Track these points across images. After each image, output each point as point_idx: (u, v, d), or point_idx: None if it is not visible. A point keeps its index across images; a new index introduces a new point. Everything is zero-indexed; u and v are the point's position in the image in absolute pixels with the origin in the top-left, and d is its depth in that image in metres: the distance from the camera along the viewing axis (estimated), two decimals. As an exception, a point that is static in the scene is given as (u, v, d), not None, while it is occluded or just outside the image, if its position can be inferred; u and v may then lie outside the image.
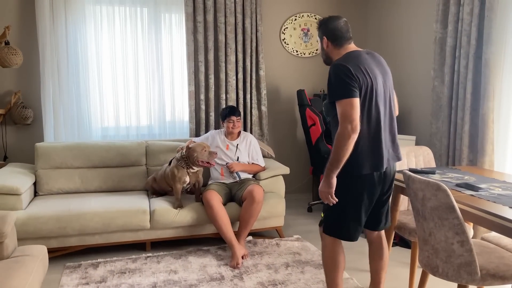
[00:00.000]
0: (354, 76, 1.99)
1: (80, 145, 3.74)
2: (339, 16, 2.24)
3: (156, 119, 4.33)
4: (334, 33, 2.18)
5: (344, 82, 1.99)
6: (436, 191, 1.91)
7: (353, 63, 2.04)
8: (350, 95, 1.97)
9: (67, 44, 3.97)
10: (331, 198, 2.09)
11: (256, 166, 3.67)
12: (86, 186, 3.69)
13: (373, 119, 2.08)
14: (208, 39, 4.26)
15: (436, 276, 2.05)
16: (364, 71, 2.04)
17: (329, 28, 2.20)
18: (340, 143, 1.97)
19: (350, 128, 1.94)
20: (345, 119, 1.95)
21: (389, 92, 2.19)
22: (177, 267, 3.09)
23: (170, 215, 3.29)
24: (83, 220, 3.13)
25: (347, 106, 1.96)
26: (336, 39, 2.18)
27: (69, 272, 3.02)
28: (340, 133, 1.97)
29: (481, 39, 3.06)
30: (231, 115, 3.58)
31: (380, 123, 2.10)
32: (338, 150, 1.98)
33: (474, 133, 3.15)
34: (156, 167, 3.83)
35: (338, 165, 2.01)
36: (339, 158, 1.99)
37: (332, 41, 2.20)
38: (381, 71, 2.16)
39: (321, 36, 2.24)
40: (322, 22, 2.25)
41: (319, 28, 2.26)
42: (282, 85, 4.80)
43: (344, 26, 2.19)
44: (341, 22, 2.20)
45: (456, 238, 1.92)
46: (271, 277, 2.95)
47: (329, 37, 2.20)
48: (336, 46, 2.19)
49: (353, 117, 1.95)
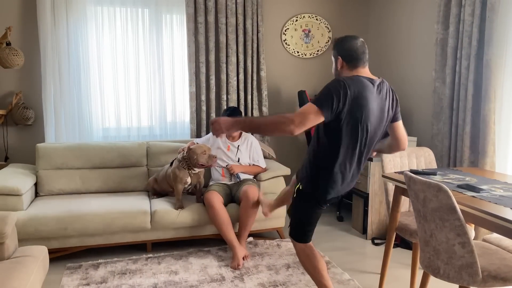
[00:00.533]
0: (342, 99, 1.94)
1: (81, 145, 3.74)
2: (356, 36, 2.14)
3: (157, 119, 4.33)
4: (350, 55, 2.08)
5: (328, 94, 1.95)
6: (437, 192, 1.91)
7: (353, 86, 1.98)
8: (321, 107, 1.93)
9: (68, 45, 3.98)
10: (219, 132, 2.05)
11: (257, 168, 3.67)
12: (87, 186, 3.69)
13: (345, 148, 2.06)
14: (209, 40, 4.26)
15: (437, 277, 2.04)
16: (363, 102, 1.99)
17: (345, 48, 2.10)
18: (274, 123, 1.93)
19: (294, 123, 1.89)
20: (299, 115, 1.91)
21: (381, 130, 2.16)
22: (177, 268, 3.09)
23: (171, 216, 3.29)
24: (84, 221, 3.13)
25: (310, 110, 1.93)
26: (351, 60, 2.09)
27: (69, 272, 3.02)
28: (282, 117, 1.92)
29: (483, 40, 3.05)
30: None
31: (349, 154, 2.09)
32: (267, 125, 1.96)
33: (475, 134, 3.15)
34: (157, 168, 3.83)
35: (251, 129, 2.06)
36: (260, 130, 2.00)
37: (347, 62, 2.10)
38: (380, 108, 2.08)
39: (336, 55, 2.14)
40: (338, 41, 2.15)
41: (334, 47, 2.16)
42: (283, 86, 4.80)
43: (360, 48, 2.09)
44: (358, 42, 2.10)
45: (458, 240, 1.91)
46: (272, 278, 2.95)
47: (345, 57, 2.10)
48: (350, 67, 2.10)
49: (305, 120, 1.90)
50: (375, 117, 2.07)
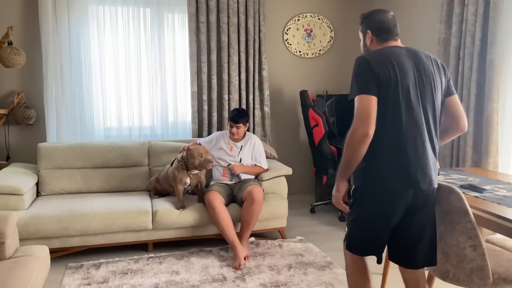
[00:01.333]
0: (372, 69, 1.76)
1: (82, 145, 3.74)
2: (386, 10, 1.99)
3: (159, 119, 4.32)
4: (381, 27, 1.93)
5: (359, 76, 1.78)
6: (448, 194, 1.88)
7: (379, 56, 1.81)
8: (364, 90, 1.74)
9: (70, 44, 3.97)
10: (340, 205, 1.90)
11: (258, 168, 3.65)
12: (88, 186, 3.68)
13: (396, 122, 1.78)
14: (211, 40, 4.25)
15: (446, 281, 2.01)
16: (388, 66, 1.77)
17: (374, 21, 1.95)
18: (349, 144, 1.76)
19: (360, 128, 1.72)
20: (356, 118, 1.74)
21: (431, 93, 1.84)
22: (179, 268, 3.08)
23: (172, 216, 3.28)
24: (85, 221, 3.13)
25: (360, 103, 1.74)
26: (382, 33, 1.93)
27: (71, 272, 3.01)
28: (349, 133, 1.76)
29: (486, 39, 3.03)
30: (231, 121, 3.57)
31: (403, 127, 1.78)
32: (347, 152, 1.77)
33: (478, 134, 3.13)
34: (159, 168, 3.82)
35: (347, 169, 1.82)
36: (348, 161, 1.79)
37: (377, 36, 1.94)
38: (417, 66, 1.83)
39: (365, 30, 1.99)
40: (366, 15, 2.01)
41: (363, 21, 2.01)
42: (285, 85, 4.79)
43: (391, 20, 1.94)
44: (389, 15, 1.96)
45: (469, 243, 1.88)
46: (274, 278, 2.94)
47: (375, 31, 1.94)
48: (380, 41, 1.93)
49: (365, 115, 1.72)
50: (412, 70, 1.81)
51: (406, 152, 1.79)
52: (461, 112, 2.00)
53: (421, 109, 1.81)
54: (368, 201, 1.88)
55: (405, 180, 1.80)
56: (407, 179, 1.80)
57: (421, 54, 1.89)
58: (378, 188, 1.83)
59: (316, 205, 4.48)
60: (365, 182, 1.86)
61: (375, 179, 1.83)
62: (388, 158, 1.80)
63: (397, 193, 1.81)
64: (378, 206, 1.85)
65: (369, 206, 1.88)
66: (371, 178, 1.84)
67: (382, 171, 1.81)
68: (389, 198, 1.83)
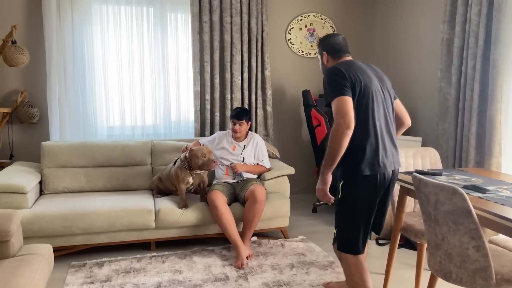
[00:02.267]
0: (345, 76, 2.04)
1: (85, 144, 3.74)
2: (337, 33, 2.38)
3: (162, 118, 4.33)
4: (333, 48, 2.28)
5: (335, 82, 2.04)
6: (451, 195, 1.88)
7: (345, 66, 2.11)
8: (341, 93, 2.01)
9: (73, 43, 3.98)
10: (327, 196, 2.11)
11: (261, 167, 3.66)
12: (91, 185, 3.69)
13: (370, 118, 2.09)
14: (214, 39, 4.26)
15: (449, 281, 2.00)
16: (356, 73, 2.09)
17: (328, 43, 2.30)
18: (334, 139, 1.98)
19: (342, 123, 1.95)
20: (338, 115, 1.98)
21: (388, 96, 2.21)
22: (181, 267, 3.09)
23: (175, 215, 3.29)
24: (88, 219, 3.14)
25: (339, 103, 1.99)
26: (335, 52, 2.27)
27: (74, 271, 3.02)
28: (333, 129, 1.99)
29: (489, 40, 3.03)
30: (234, 119, 3.57)
31: (376, 122, 2.10)
32: (333, 145, 1.99)
33: (481, 134, 3.13)
34: (161, 167, 3.83)
35: (332, 162, 2.03)
36: (334, 154, 2.00)
37: (331, 55, 2.28)
38: (376, 76, 2.20)
39: (321, 52, 2.33)
40: (321, 39, 2.37)
41: (319, 45, 2.36)
42: (287, 85, 4.80)
43: (342, 41, 2.29)
44: (339, 38, 2.31)
45: (472, 243, 1.88)
46: (276, 277, 2.94)
47: (329, 51, 2.29)
48: (335, 59, 2.27)
49: (345, 112, 1.97)
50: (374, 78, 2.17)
51: (382, 143, 2.12)
52: (405, 111, 2.41)
53: (385, 108, 2.17)
54: (359, 192, 2.11)
55: (384, 164, 2.12)
56: (385, 163, 2.12)
57: (376, 68, 2.29)
58: (365, 175, 2.08)
59: (318, 204, 4.49)
60: (353, 173, 2.10)
61: (362, 168, 2.08)
62: (369, 149, 2.08)
63: (381, 176, 2.11)
64: (369, 194, 2.12)
65: (362, 197, 2.12)
66: (358, 168, 2.08)
67: (366, 161, 2.08)
68: (376, 181, 2.11)
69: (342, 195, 2.16)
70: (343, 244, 2.21)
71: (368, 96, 2.09)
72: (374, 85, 2.13)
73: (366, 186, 2.11)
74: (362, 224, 2.16)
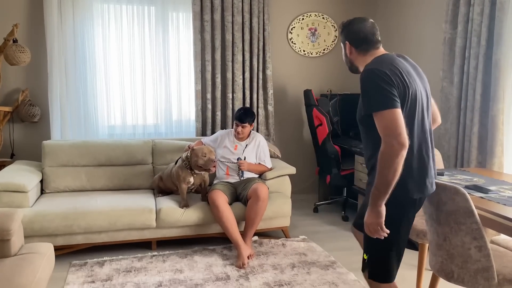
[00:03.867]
0: (393, 82, 1.69)
1: (86, 143, 3.74)
2: (364, 18, 1.94)
3: (163, 118, 4.32)
4: (359, 37, 1.89)
5: (382, 89, 1.67)
6: (454, 195, 1.88)
7: (389, 67, 1.73)
8: (391, 105, 1.66)
9: (74, 42, 3.98)
10: (382, 230, 1.74)
11: (262, 167, 3.65)
12: (92, 184, 3.69)
13: (418, 131, 1.78)
14: (215, 38, 4.25)
15: (450, 281, 2.00)
16: (402, 76, 1.72)
17: (352, 32, 1.91)
18: (387, 163, 1.65)
19: (396, 144, 1.63)
20: (389, 134, 1.64)
21: (427, 98, 1.88)
22: (182, 266, 3.09)
23: (176, 214, 3.28)
24: (89, 218, 3.13)
25: (389, 118, 1.65)
26: (361, 44, 1.89)
27: (75, 270, 3.02)
28: (384, 152, 1.65)
29: (492, 39, 3.02)
30: (237, 120, 3.56)
31: (427, 135, 1.81)
32: (385, 171, 1.66)
33: (483, 134, 3.12)
34: (162, 166, 3.82)
35: (386, 189, 1.68)
36: (389, 180, 1.66)
37: (356, 47, 1.91)
38: (418, 75, 1.86)
39: (344, 40, 1.96)
40: (345, 24, 1.96)
41: (342, 31, 1.97)
42: (288, 84, 4.79)
43: (370, 29, 1.89)
44: (367, 24, 1.90)
45: (474, 243, 1.88)
46: (277, 277, 2.94)
47: (352, 42, 1.91)
48: (361, 52, 1.90)
49: (398, 131, 1.63)
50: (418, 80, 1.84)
51: (429, 159, 1.83)
52: (437, 111, 2.11)
53: (428, 118, 1.84)
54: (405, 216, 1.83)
55: (432, 184, 1.85)
56: (432, 182, 1.86)
57: (413, 62, 1.92)
58: (414, 198, 1.81)
59: (319, 204, 4.48)
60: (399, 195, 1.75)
61: (409, 189, 1.78)
62: (417, 168, 1.79)
63: (417, 200, 1.84)
64: (412, 217, 1.86)
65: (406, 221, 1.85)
66: (405, 190, 1.77)
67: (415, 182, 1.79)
68: (421, 204, 1.89)
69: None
70: (377, 272, 1.89)
71: (418, 104, 1.76)
72: (420, 89, 1.80)
73: (412, 209, 1.83)
74: (400, 249, 1.87)
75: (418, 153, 1.78)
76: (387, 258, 1.86)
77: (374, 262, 1.89)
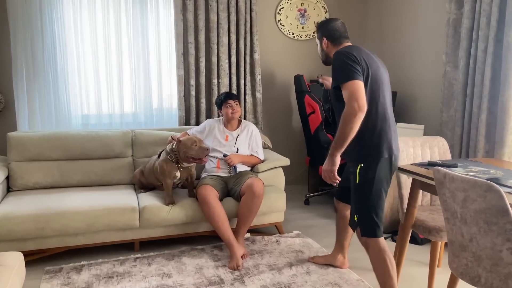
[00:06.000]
0: (357, 60, 2.07)
1: (58, 134, 3.38)
2: (335, 18, 2.39)
3: (142, 106, 3.99)
4: (334, 33, 2.31)
5: (348, 65, 2.06)
6: (485, 192, 1.67)
7: (356, 50, 2.14)
8: (354, 77, 2.03)
9: (41, 22, 3.57)
10: (334, 177, 2.18)
11: (255, 158, 3.38)
12: (66, 180, 3.34)
13: (382, 102, 2.15)
14: (199, 19, 3.91)
15: (476, 286, 1.82)
16: (365, 58, 2.12)
17: (328, 29, 2.32)
18: (347, 121, 2.02)
19: (356, 106, 1.99)
20: (351, 98, 2.01)
21: (389, 87, 2.28)
22: (170, 270, 2.81)
23: (161, 213, 2.99)
24: (64, 220, 2.80)
25: (352, 87, 2.02)
26: (335, 38, 2.31)
27: (49, 277, 2.70)
28: (346, 112, 2.02)
29: (503, 20, 2.82)
30: (227, 99, 3.27)
31: (388, 107, 2.18)
32: (344, 128, 2.04)
33: (492, 122, 2.94)
34: (144, 159, 3.52)
35: (343, 144, 2.08)
36: (345, 136, 2.05)
37: (332, 41, 2.32)
38: (381, 65, 2.24)
39: (321, 37, 2.36)
40: (320, 24, 2.38)
41: (318, 30, 2.38)
42: (277, 69, 4.51)
43: (341, 27, 2.32)
44: (338, 23, 2.34)
45: (507, 245, 1.69)
46: (275, 279, 2.70)
47: (329, 37, 2.32)
48: (335, 44, 2.31)
49: (358, 96, 2.00)
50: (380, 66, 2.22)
51: (394, 127, 2.22)
52: None
53: (389, 95, 2.24)
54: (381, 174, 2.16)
55: (397, 148, 2.23)
56: (398, 147, 2.25)
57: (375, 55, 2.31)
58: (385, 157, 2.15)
59: (310, 196, 4.27)
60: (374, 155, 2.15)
61: (382, 150, 2.15)
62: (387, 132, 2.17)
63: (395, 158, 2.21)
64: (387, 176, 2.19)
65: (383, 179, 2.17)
66: (379, 151, 2.15)
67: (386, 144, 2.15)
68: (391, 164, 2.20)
69: (363, 179, 2.17)
70: (369, 229, 2.21)
71: (380, 81, 2.15)
72: (381, 72, 2.19)
73: (385, 168, 2.17)
74: (382, 207, 2.20)
75: (383, 120, 2.16)
76: (375, 215, 2.19)
77: (365, 220, 2.21)
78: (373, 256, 2.23)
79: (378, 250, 2.20)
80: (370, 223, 2.19)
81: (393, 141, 2.19)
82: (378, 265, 2.21)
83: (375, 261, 2.22)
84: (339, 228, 2.79)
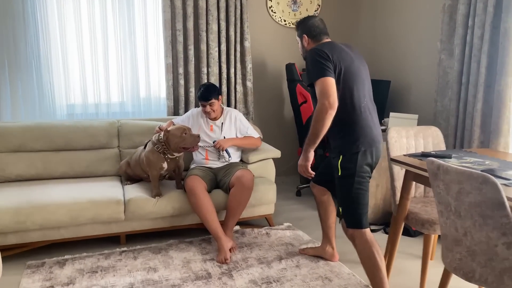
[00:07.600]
0: (329, 57, 2.11)
1: (41, 124, 3.28)
2: (314, 15, 2.51)
3: (129, 95, 3.89)
4: (313, 30, 2.35)
5: (319, 63, 2.10)
6: (481, 184, 1.60)
7: (328, 47, 2.18)
8: (324, 74, 2.07)
9: (23, 7, 3.44)
10: (308, 172, 2.28)
11: (251, 138, 3.24)
12: (50, 172, 3.24)
13: (358, 96, 2.18)
14: (187, 5, 3.79)
15: (470, 281, 1.76)
16: (339, 54, 2.16)
17: (307, 26, 2.36)
18: (318, 118, 2.07)
19: (327, 103, 2.04)
20: (322, 96, 2.06)
21: (367, 73, 2.32)
22: (156, 264, 2.73)
23: (147, 205, 2.91)
24: (46, 213, 2.71)
25: (323, 84, 2.07)
26: (315, 35, 2.35)
27: (30, 272, 2.61)
28: (318, 109, 2.07)
29: (500, 6, 2.72)
30: (201, 100, 3.11)
31: (363, 100, 2.21)
32: (316, 125, 2.09)
33: (488, 112, 2.86)
34: (130, 150, 3.42)
35: (315, 140, 2.14)
36: (317, 133, 2.11)
37: (312, 38, 2.36)
38: (356, 58, 2.26)
39: (301, 35, 2.40)
40: (299, 22, 2.42)
41: (298, 28, 2.42)
42: (268, 58, 4.40)
43: (320, 23, 2.37)
44: (317, 19, 2.38)
45: (502, 240, 1.62)
46: (264, 273, 2.63)
47: (309, 34, 2.36)
48: (315, 41, 2.35)
49: (329, 93, 2.04)
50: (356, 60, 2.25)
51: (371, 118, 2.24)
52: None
53: (368, 87, 2.29)
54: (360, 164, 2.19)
55: (377, 139, 2.25)
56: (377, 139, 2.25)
57: (356, 50, 2.36)
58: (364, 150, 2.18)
59: (302, 187, 4.19)
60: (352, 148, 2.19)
61: (358, 144, 2.17)
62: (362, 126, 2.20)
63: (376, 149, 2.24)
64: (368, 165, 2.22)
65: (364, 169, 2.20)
66: (355, 144, 2.18)
67: (362, 137, 2.18)
68: (372, 155, 2.23)
69: (344, 172, 2.21)
70: (355, 220, 2.23)
71: (353, 76, 2.18)
72: (356, 65, 2.22)
73: (365, 160, 2.20)
74: (366, 198, 2.22)
75: (359, 113, 2.19)
76: (359, 206, 2.21)
77: (349, 212, 2.24)
78: (360, 249, 2.22)
79: (365, 242, 2.19)
80: (354, 214, 2.21)
81: (373, 132, 2.21)
82: (366, 258, 2.19)
83: (362, 254, 2.21)
84: (320, 217, 2.82)
